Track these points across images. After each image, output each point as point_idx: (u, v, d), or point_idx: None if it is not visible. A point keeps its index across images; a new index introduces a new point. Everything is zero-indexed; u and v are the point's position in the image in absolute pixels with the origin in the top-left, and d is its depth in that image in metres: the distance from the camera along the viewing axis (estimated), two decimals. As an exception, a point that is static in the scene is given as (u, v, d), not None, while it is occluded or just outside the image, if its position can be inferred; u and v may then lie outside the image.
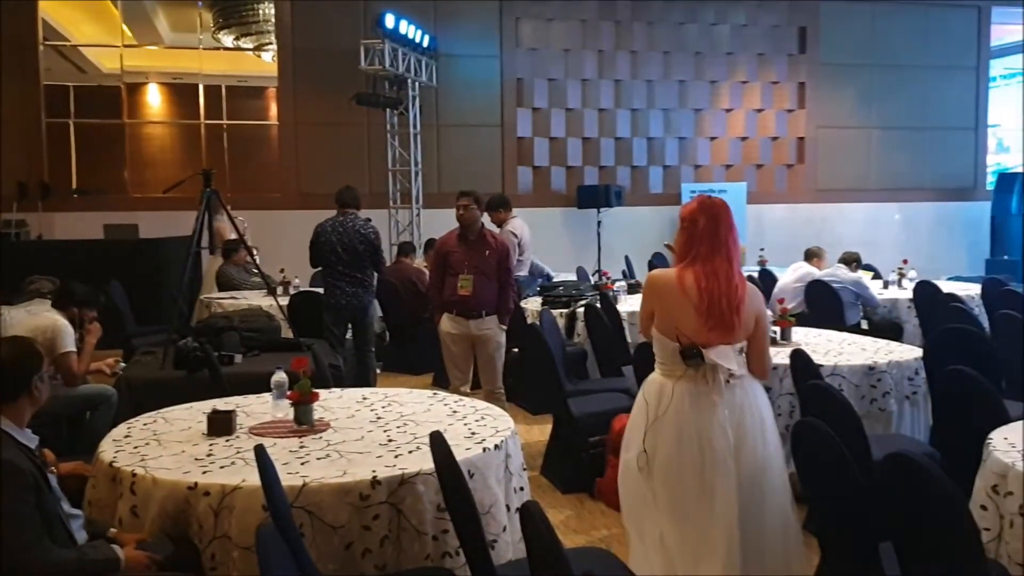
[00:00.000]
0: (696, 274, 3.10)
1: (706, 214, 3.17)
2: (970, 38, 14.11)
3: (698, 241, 3.14)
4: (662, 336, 3.16)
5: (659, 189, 13.23)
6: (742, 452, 3.06)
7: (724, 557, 3.00)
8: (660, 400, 3.12)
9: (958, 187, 14.27)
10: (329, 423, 3.60)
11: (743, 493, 3.04)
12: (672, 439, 3.08)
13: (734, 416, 3.07)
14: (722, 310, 3.07)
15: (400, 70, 10.84)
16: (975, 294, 8.03)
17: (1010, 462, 2.86)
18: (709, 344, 3.05)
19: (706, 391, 3.07)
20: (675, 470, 3.07)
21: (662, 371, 3.19)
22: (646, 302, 3.26)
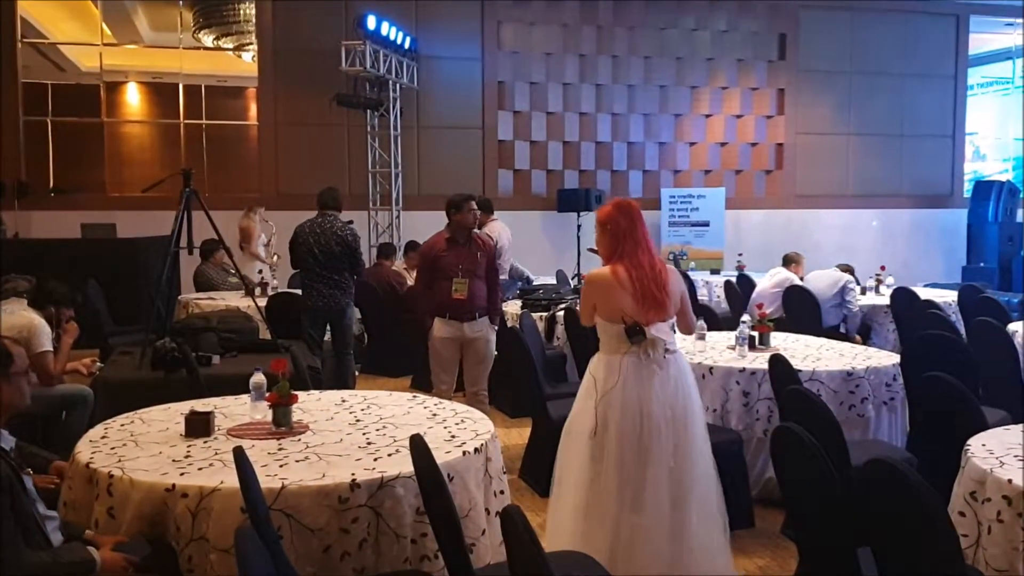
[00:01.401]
0: (626, 267, 3.61)
1: (625, 215, 3.67)
2: (948, 47, 14.24)
3: (622, 239, 3.64)
4: (607, 322, 3.63)
5: (639, 193, 13.26)
6: (675, 420, 3.54)
7: (656, 511, 3.47)
8: (608, 375, 3.57)
9: (935, 194, 14.39)
10: (308, 425, 3.58)
11: (676, 456, 3.51)
12: (618, 409, 3.52)
13: (670, 387, 3.56)
14: (653, 293, 3.59)
15: (381, 72, 10.81)
16: (952, 301, 8.10)
17: (988, 468, 2.88)
18: (648, 323, 3.56)
19: (647, 363, 3.56)
20: (621, 436, 3.50)
21: (607, 351, 3.64)
22: (588, 297, 3.74)
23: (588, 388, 3.66)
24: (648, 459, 3.48)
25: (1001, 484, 2.79)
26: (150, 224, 9.85)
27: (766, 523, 4.63)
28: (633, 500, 3.49)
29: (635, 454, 3.49)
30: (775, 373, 4.37)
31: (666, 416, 3.51)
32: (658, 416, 3.50)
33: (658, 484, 3.49)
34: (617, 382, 3.54)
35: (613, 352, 3.62)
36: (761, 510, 4.70)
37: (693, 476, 3.55)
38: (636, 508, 3.49)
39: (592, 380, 3.64)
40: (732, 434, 4.65)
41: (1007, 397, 5.05)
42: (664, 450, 3.49)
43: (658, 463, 3.48)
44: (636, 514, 3.49)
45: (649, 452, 3.48)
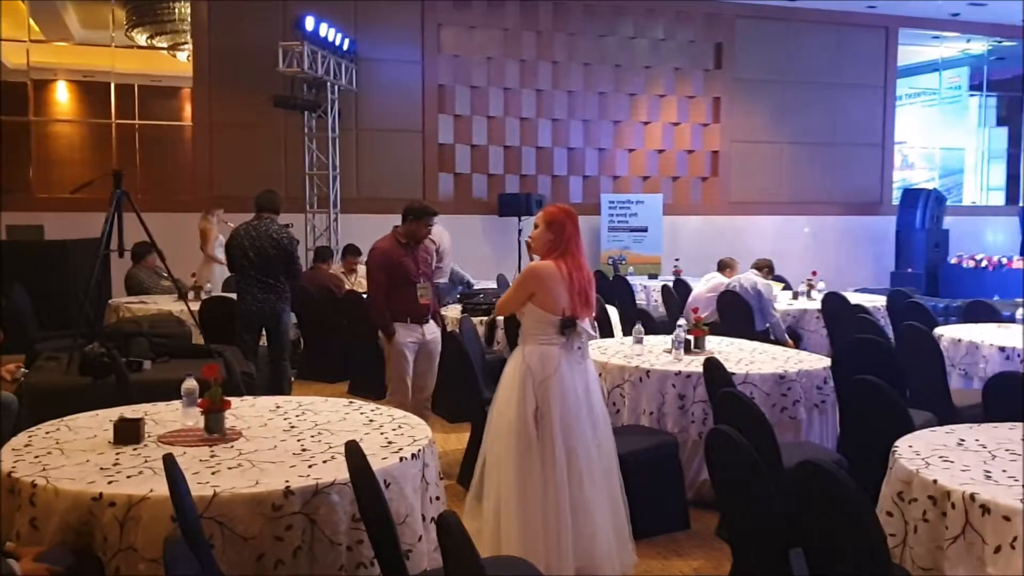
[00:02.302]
0: (568, 265, 3.90)
1: (570, 220, 3.98)
2: (878, 58, 14.63)
3: (565, 240, 3.93)
4: (545, 313, 3.88)
5: (579, 198, 13.36)
6: (592, 402, 3.94)
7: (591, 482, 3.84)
8: (544, 365, 3.84)
9: (865, 201, 14.76)
10: (241, 432, 3.51)
11: (594, 435, 3.91)
12: (558, 394, 3.82)
13: (588, 376, 3.98)
14: (587, 293, 3.94)
15: (319, 73, 10.71)
16: (881, 305, 8.30)
17: (915, 469, 2.95)
18: (579, 317, 3.90)
19: (575, 353, 3.91)
20: (563, 420, 3.80)
21: (541, 341, 3.89)
22: (526, 287, 3.95)
23: (522, 377, 3.86)
24: (584, 439, 3.83)
25: (927, 484, 2.86)
26: (79, 226, 9.60)
27: (701, 525, 4.68)
28: (579, 477, 3.80)
29: (575, 435, 3.81)
30: (710, 376, 4.43)
31: (587, 403, 3.91)
32: (583, 402, 3.89)
33: (591, 462, 3.86)
34: (555, 370, 3.82)
35: (547, 342, 3.88)
36: (696, 512, 4.75)
37: (606, 458, 3.92)
38: (582, 485, 3.81)
39: (527, 369, 3.86)
40: (667, 437, 4.70)
41: (933, 399, 5.19)
42: (588, 432, 3.87)
43: (587, 444, 3.85)
44: (582, 490, 3.81)
45: (583, 434, 3.84)
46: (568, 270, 3.88)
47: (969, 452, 3.16)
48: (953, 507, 2.73)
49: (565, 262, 3.89)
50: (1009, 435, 3.41)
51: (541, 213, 4.05)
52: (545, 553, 3.71)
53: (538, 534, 3.74)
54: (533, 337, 3.92)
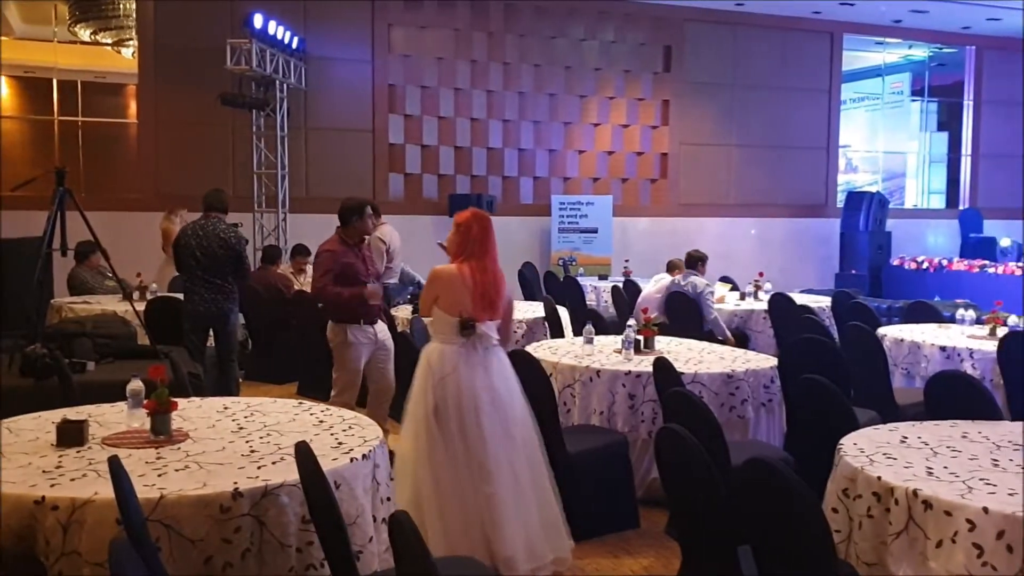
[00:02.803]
0: (472, 268, 4.01)
1: (479, 223, 4.09)
2: (823, 62, 14.87)
3: (472, 243, 4.04)
4: (445, 314, 4.03)
5: (530, 199, 13.39)
6: (497, 403, 4.00)
7: (499, 476, 3.90)
8: (443, 363, 3.98)
9: (810, 204, 15.00)
10: (188, 433, 3.46)
11: (504, 431, 3.98)
12: (455, 391, 3.94)
13: (492, 375, 4.03)
14: (490, 296, 4.03)
15: (268, 71, 10.59)
16: (826, 306, 8.44)
17: (859, 466, 3.01)
18: (480, 320, 4.00)
19: (474, 354, 4.00)
20: (460, 415, 3.92)
21: (441, 340, 4.05)
22: (431, 289, 4.11)
23: (424, 373, 4.05)
24: (484, 435, 3.92)
25: (871, 481, 2.92)
26: (20, 225, 9.29)
27: (650, 523, 4.72)
28: (481, 471, 3.90)
29: (475, 431, 3.92)
30: (659, 376, 4.46)
31: (491, 399, 3.98)
32: (485, 399, 3.97)
33: (498, 457, 3.93)
34: (452, 368, 3.97)
35: (447, 342, 4.03)
36: (646, 511, 4.79)
37: (523, 453, 4.01)
38: (486, 479, 3.89)
39: (428, 365, 4.04)
40: (617, 436, 4.73)
41: (877, 398, 5.30)
42: (495, 428, 3.95)
43: (493, 439, 3.93)
44: (487, 484, 3.88)
45: (484, 429, 3.92)
46: (471, 273, 4.01)
47: (912, 449, 3.24)
48: (897, 503, 2.79)
49: (469, 265, 4.02)
50: (950, 432, 3.49)
51: (455, 217, 4.21)
52: (469, 546, 3.79)
53: (458, 526, 3.83)
54: (436, 336, 4.10)
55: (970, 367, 5.73)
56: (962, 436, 3.43)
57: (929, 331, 6.57)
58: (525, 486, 3.97)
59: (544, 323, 7.41)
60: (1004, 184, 16.19)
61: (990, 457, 3.14)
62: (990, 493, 2.73)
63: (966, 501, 2.65)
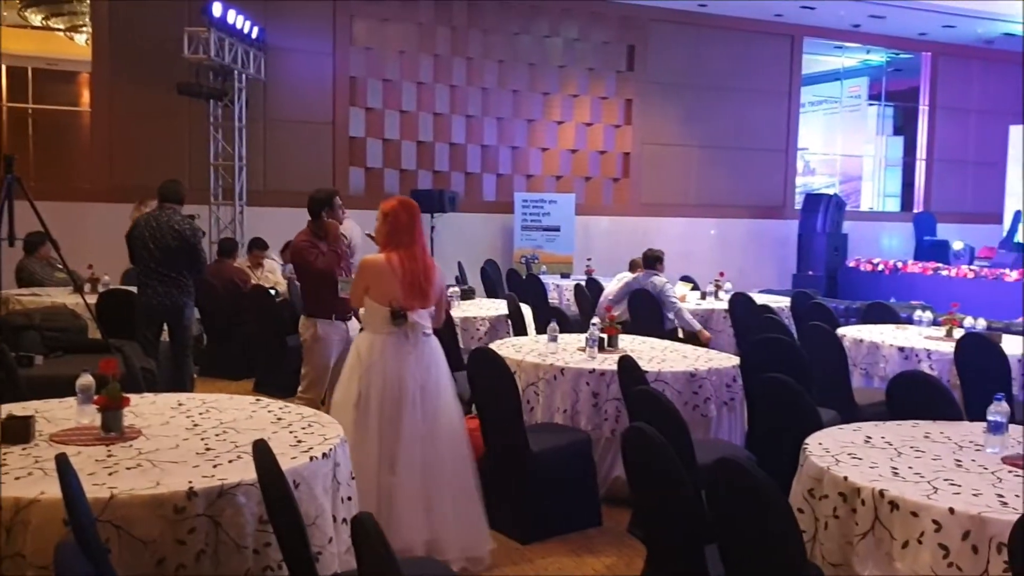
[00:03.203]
0: (401, 257, 4.02)
1: (406, 211, 4.14)
2: (784, 65, 14.99)
3: (400, 232, 4.08)
4: (375, 304, 4.04)
5: (492, 196, 13.33)
6: (425, 393, 4.01)
7: (408, 472, 3.94)
8: (371, 352, 4.01)
9: (769, 205, 15.11)
10: (141, 430, 3.35)
11: (426, 422, 3.99)
12: (380, 381, 3.96)
13: (423, 365, 4.04)
14: (420, 284, 4.05)
15: (226, 61, 10.40)
16: (785, 306, 8.48)
17: (825, 466, 2.99)
18: (411, 309, 4.01)
19: (405, 343, 4.02)
20: (381, 404, 3.95)
21: (373, 330, 4.06)
22: (361, 280, 4.11)
23: (353, 362, 4.09)
24: (401, 426, 3.93)
25: (837, 481, 2.90)
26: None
27: (613, 522, 4.69)
28: (390, 461, 3.94)
29: (391, 421, 3.94)
30: (624, 374, 4.43)
31: (418, 390, 3.99)
32: (412, 389, 3.98)
33: (411, 449, 3.96)
34: (380, 358, 3.99)
35: (377, 331, 4.05)
36: (608, 509, 4.75)
37: (444, 446, 4.02)
38: (392, 469, 3.94)
39: (357, 355, 4.08)
40: (581, 434, 4.69)
41: (836, 398, 5.32)
42: (416, 420, 3.97)
43: (410, 430, 3.94)
44: (392, 474, 3.93)
45: (402, 420, 3.94)
46: (400, 261, 4.02)
47: (876, 449, 3.23)
48: (863, 503, 2.77)
49: (398, 254, 4.03)
50: (912, 432, 3.50)
51: (380, 206, 4.23)
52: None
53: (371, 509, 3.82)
54: (368, 326, 4.12)
55: (927, 367, 5.77)
56: (925, 436, 3.43)
57: (887, 332, 6.62)
58: (441, 480, 3.98)
59: (507, 321, 7.34)
60: (956, 188, 16.48)
61: (953, 457, 3.14)
62: (955, 494, 2.73)
63: (932, 502, 2.64)
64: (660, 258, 8.24)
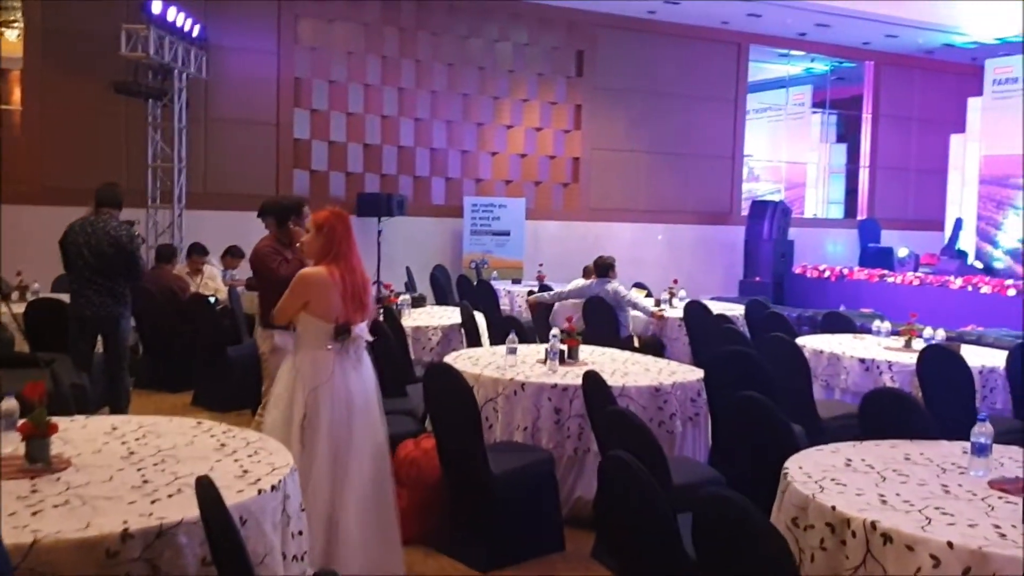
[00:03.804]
0: (340, 270, 3.90)
1: (341, 223, 3.99)
2: (730, 72, 15.01)
3: (337, 243, 3.93)
4: (316, 320, 3.89)
5: (442, 200, 13.10)
6: (362, 407, 3.93)
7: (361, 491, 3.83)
8: (317, 370, 3.85)
9: (716, 212, 15.12)
10: (70, 460, 3.05)
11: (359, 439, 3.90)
12: (329, 400, 3.83)
13: (364, 379, 3.97)
14: (360, 296, 3.95)
15: (166, 59, 10.01)
16: (739, 314, 8.39)
17: (809, 494, 2.83)
18: (354, 323, 3.90)
19: (348, 359, 3.91)
20: (332, 424, 3.82)
21: (313, 347, 3.90)
22: (300, 295, 3.94)
23: (291, 383, 3.91)
24: (352, 445, 3.83)
25: (824, 511, 2.74)
26: None
27: (576, 545, 4.48)
28: (341, 483, 3.81)
29: (343, 441, 3.82)
30: (589, 391, 4.24)
31: (363, 406, 3.93)
32: (359, 406, 3.91)
33: (361, 467, 3.86)
34: (328, 377, 3.84)
35: (319, 347, 3.89)
36: (571, 532, 4.54)
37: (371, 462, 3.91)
38: (342, 491, 3.80)
39: (297, 375, 3.90)
40: (543, 454, 4.48)
41: (799, 412, 5.19)
42: (364, 437, 3.90)
43: (361, 447, 3.87)
44: (342, 495, 3.80)
45: (352, 438, 3.85)
46: (340, 275, 3.89)
47: (859, 474, 3.08)
48: (853, 535, 2.61)
49: (337, 266, 3.90)
50: (891, 454, 3.36)
51: (312, 217, 4.07)
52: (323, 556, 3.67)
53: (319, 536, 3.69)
54: (307, 343, 3.94)
55: (889, 379, 5.70)
56: (905, 458, 3.30)
57: (846, 342, 6.54)
58: (368, 496, 3.87)
59: (460, 330, 7.12)
60: (899, 196, 16.68)
61: (939, 482, 3.01)
62: (950, 524, 2.58)
63: (928, 535, 2.48)
64: (612, 265, 8.13)
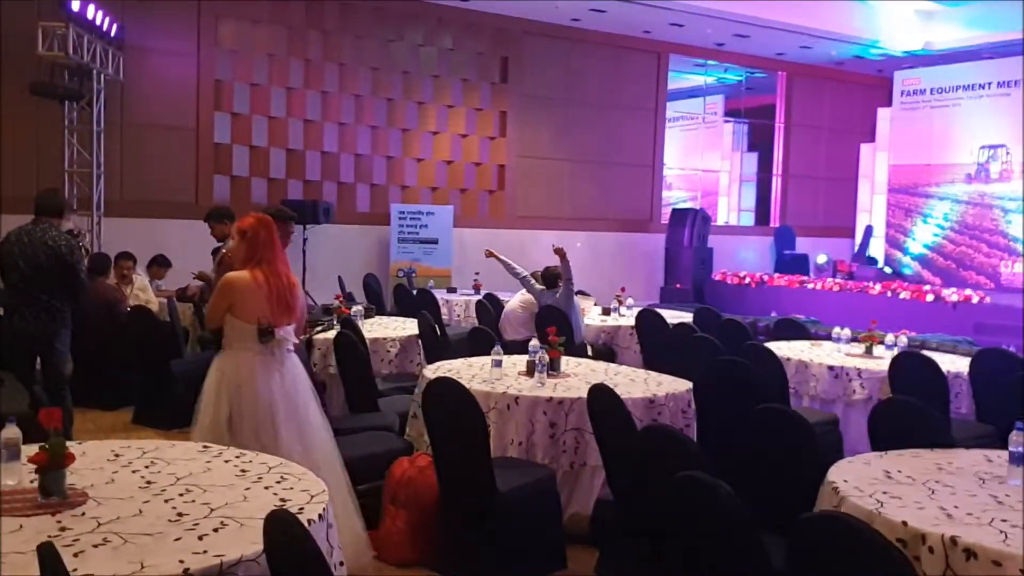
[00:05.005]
0: (265, 274, 4.00)
1: (265, 228, 4.09)
2: (651, 82, 15.21)
3: (260, 248, 4.04)
4: (240, 322, 3.99)
5: (367, 208, 12.84)
6: (292, 411, 4.02)
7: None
8: (239, 371, 3.96)
9: (637, 219, 15.28)
10: (85, 492, 2.81)
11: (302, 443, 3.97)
12: (251, 401, 3.93)
13: (288, 381, 4.06)
14: (286, 300, 4.06)
15: (85, 59, 9.49)
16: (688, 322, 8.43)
17: (872, 509, 2.78)
18: (279, 325, 4.01)
19: (272, 361, 4.01)
20: (257, 426, 3.90)
21: (238, 348, 4.01)
22: (224, 298, 4.04)
23: (216, 383, 3.98)
24: (279, 446, 3.83)
25: (894, 526, 2.70)
26: None
27: (577, 563, 4.36)
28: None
29: (269, 442, 3.84)
30: (598, 407, 4.15)
31: (286, 407, 3.99)
32: (281, 407, 3.97)
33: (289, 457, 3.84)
34: (249, 376, 3.95)
35: (243, 350, 3.99)
36: (571, 549, 4.43)
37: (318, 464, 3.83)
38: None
39: (221, 375, 3.99)
40: (544, 470, 4.37)
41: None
42: (292, 438, 3.94)
43: (288, 449, 3.86)
44: None
45: (279, 440, 3.89)
46: (264, 278, 4.00)
47: (905, 486, 3.08)
48: (931, 551, 2.59)
49: (261, 270, 4.01)
50: (920, 464, 3.37)
51: (235, 224, 4.20)
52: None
53: None
54: (232, 345, 4.04)
55: (859, 386, 5.80)
56: (938, 468, 3.32)
57: (807, 350, 6.62)
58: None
59: (418, 341, 6.94)
60: (809, 203, 17.21)
61: (986, 493, 3.03)
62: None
63: (1013, 549, 2.49)
64: (559, 275, 8.08)
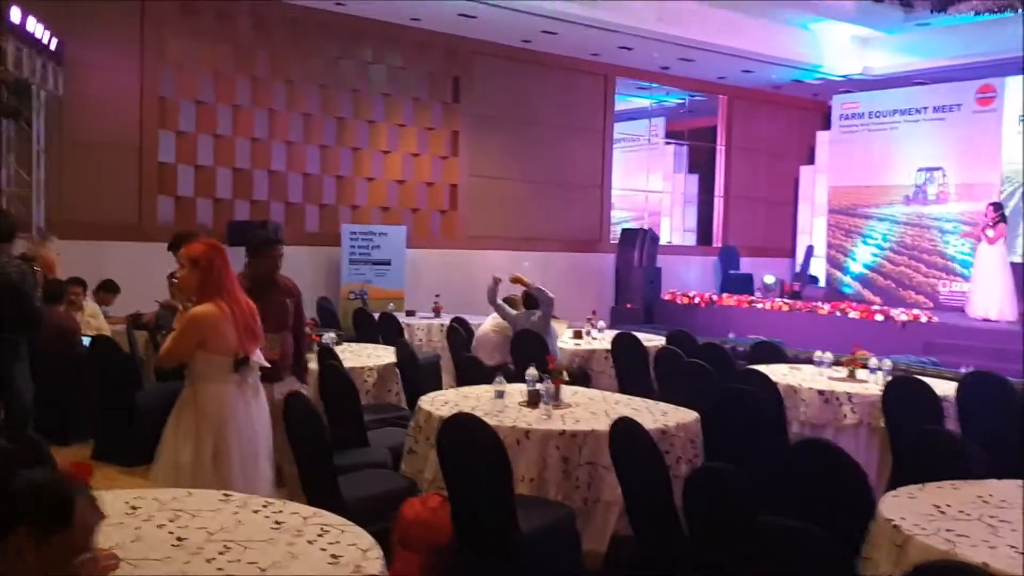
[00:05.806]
0: (228, 303, 3.89)
1: (219, 256, 3.95)
2: (598, 103, 15.27)
3: (217, 276, 3.90)
4: (214, 356, 3.89)
5: (316, 228, 12.54)
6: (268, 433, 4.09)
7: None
8: (221, 405, 3.88)
9: (586, 239, 15.29)
10: (114, 553, 2.56)
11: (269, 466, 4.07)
12: (236, 435, 3.89)
13: (260, 406, 4.05)
14: (251, 326, 3.99)
15: (24, 74, 9.04)
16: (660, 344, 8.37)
17: (947, 549, 2.73)
18: (251, 353, 3.99)
19: (248, 389, 3.98)
20: (243, 458, 3.89)
21: (216, 381, 3.90)
22: (194, 335, 3.89)
23: (196, 422, 3.86)
24: (259, 474, 3.92)
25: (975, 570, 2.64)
26: None
27: (594, 602, 4.25)
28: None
29: (253, 473, 3.90)
30: (621, 439, 4.02)
31: (266, 438, 4.06)
32: (263, 436, 4.03)
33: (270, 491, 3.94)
34: (233, 412, 3.89)
35: (220, 383, 3.90)
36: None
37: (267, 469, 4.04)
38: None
39: (202, 411, 3.87)
40: (563, 509, 4.20)
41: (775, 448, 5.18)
42: (267, 467, 4.04)
43: (266, 475, 3.98)
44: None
45: (259, 468, 3.96)
46: (230, 308, 3.90)
47: (963, 522, 3.02)
48: (1019, 594, 2.54)
49: (225, 301, 3.89)
50: (964, 497, 3.32)
51: (184, 252, 3.99)
52: None
53: None
54: (206, 379, 3.91)
55: (849, 411, 5.79)
56: (983, 501, 3.28)
57: (789, 373, 6.59)
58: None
59: (396, 370, 6.73)
60: (750, 224, 17.47)
61: (1043, 527, 3.00)
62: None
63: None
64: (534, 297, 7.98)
